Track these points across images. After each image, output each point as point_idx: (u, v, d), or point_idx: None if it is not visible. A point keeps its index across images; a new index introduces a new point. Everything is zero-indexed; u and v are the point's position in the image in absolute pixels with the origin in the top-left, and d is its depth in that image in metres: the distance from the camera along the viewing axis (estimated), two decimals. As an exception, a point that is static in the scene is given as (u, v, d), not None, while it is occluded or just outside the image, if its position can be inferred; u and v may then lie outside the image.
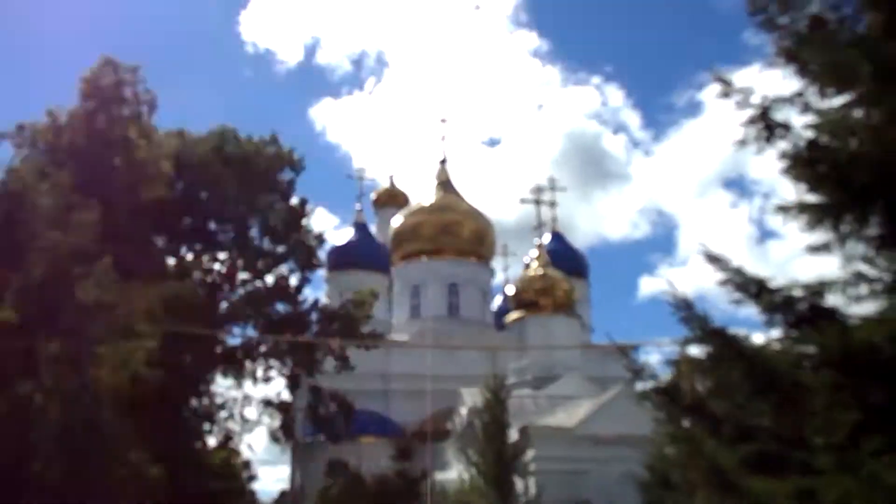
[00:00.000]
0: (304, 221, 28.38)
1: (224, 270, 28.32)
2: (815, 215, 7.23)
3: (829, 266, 7.03)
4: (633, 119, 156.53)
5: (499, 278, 60.31)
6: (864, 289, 6.90)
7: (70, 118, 20.60)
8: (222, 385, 28.11)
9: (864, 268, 6.83)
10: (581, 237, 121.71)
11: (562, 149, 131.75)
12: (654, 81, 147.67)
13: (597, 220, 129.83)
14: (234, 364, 27.97)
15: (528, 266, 43.37)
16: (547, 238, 43.85)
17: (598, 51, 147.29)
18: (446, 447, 37.33)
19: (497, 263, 59.50)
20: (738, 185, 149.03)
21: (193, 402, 24.50)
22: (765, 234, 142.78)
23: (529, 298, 36.54)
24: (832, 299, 7.10)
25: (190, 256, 27.57)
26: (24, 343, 10.03)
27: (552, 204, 43.64)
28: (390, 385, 47.28)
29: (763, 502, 4.81)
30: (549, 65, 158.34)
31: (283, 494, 67.97)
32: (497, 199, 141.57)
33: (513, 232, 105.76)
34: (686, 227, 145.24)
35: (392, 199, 65.29)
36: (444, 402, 42.94)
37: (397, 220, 57.07)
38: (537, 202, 39.27)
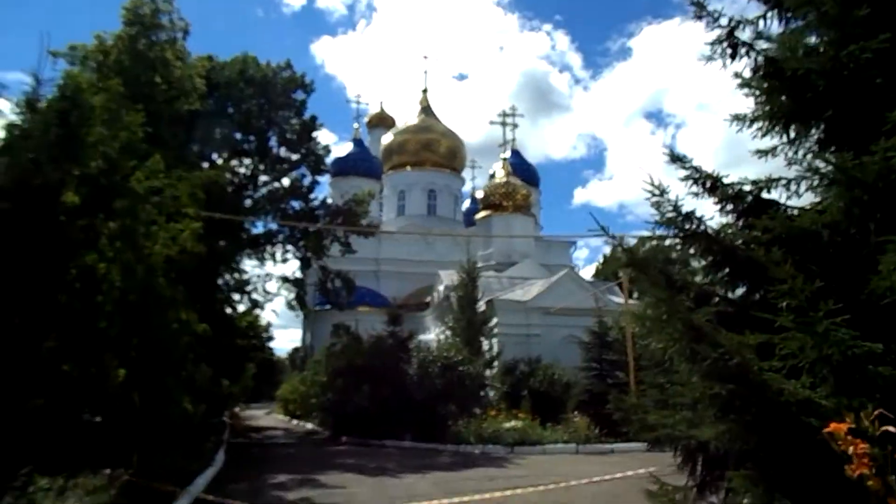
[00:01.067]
0: (313, 134, 27.22)
1: (248, 173, 27.31)
2: (767, 122, 6.72)
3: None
4: (576, 60, 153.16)
5: (467, 186, 59.83)
6: (804, 185, 6.49)
7: (115, 41, 19.19)
8: (248, 265, 27.72)
9: (804, 167, 6.39)
10: (532, 155, 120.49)
11: (518, 83, 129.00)
12: (594, 29, 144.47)
13: (543, 143, 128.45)
14: (258, 248, 27.50)
15: (492, 176, 42.66)
16: (508, 153, 42.88)
17: (549, 2, 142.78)
18: (425, 316, 37.61)
19: (466, 174, 58.95)
20: (656, 117, 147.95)
21: (226, 276, 23.99)
22: (674, 158, 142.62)
23: (495, 201, 36.09)
24: (775, 194, 6.71)
25: (219, 162, 26.40)
26: (86, 222, 9.24)
27: (514, 126, 42.60)
28: (381, 267, 47.29)
29: (730, 353, 4.43)
30: (509, 13, 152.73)
31: (294, 350, 68.90)
32: (465, 123, 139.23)
33: (478, 150, 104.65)
34: (613, 150, 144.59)
35: (382, 121, 64.16)
36: (423, 281, 43.13)
37: (387, 138, 56.10)
38: (503, 124, 38.36)
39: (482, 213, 37.77)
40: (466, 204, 58.14)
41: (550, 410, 18.63)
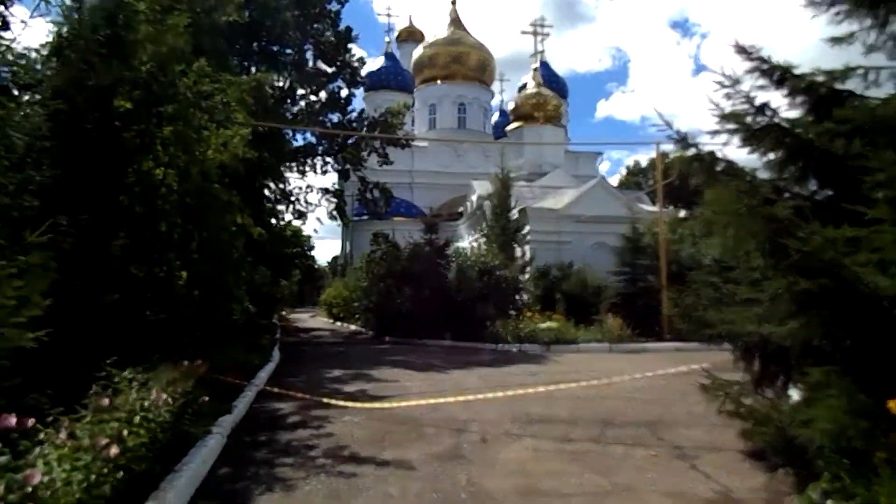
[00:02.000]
0: (349, 46, 26.05)
1: (285, 87, 26.41)
2: (849, 4, 5.95)
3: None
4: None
5: (496, 100, 57.94)
6: (884, 74, 5.80)
7: (151, -50, 18.15)
8: (290, 178, 27.34)
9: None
10: (557, 68, 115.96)
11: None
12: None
13: (568, 55, 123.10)
14: (299, 161, 27.09)
15: (523, 87, 41.01)
16: (538, 64, 40.86)
17: None
18: (458, 225, 37.34)
19: (495, 88, 56.95)
20: (681, 27, 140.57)
21: (272, 185, 23.77)
22: (699, 68, 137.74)
23: (526, 112, 34.77)
24: (850, 85, 6.02)
25: (259, 75, 25.54)
26: (140, 127, 8.86)
27: (545, 35, 40.21)
28: (414, 180, 46.79)
29: (823, 247, 3.98)
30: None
31: (334, 259, 69.90)
32: (492, 37, 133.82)
33: (504, 64, 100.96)
34: (637, 61, 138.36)
35: (411, 35, 61.67)
36: (454, 192, 42.67)
37: (417, 52, 53.89)
38: (534, 33, 36.36)
39: (514, 124, 36.52)
40: (495, 117, 56.56)
41: (583, 312, 18.49)
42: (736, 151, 6.13)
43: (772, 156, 5.85)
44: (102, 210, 6.76)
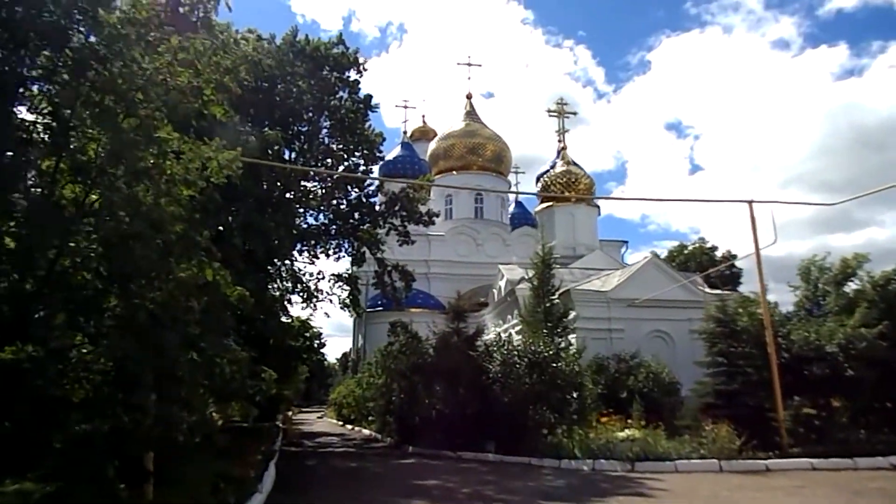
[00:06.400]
0: (368, 114, 23.18)
1: (297, 164, 23.29)
2: None
3: None
4: (598, 74, 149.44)
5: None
6: None
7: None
8: (299, 260, 23.63)
9: None
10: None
11: (545, 99, 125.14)
12: (614, 44, 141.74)
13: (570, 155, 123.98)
14: (310, 245, 23.57)
15: (545, 172, 38.12)
16: (564, 144, 38.03)
17: (571, 19, 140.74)
18: (482, 316, 33.24)
19: (510, 179, 54.76)
20: (676, 128, 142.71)
21: (278, 264, 20.06)
22: (694, 168, 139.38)
23: (556, 191, 31.63)
24: None
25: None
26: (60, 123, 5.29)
27: (572, 114, 36.86)
28: (431, 269, 43.37)
29: None
30: (533, 29, 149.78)
31: (344, 355, 65.33)
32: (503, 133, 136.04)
33: (516, 160, 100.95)
34: (634, 162, 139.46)
35: (424, 134, 61.47)
36: (473, 283, 39.14)
37: (433, 144, 52.48)
38: (560, 113, 33.88)
39: (542, 206, 33.24)
40: (511, 208, 54.20)
41: (657, 415, 14.22)
42: None
43: None
44: None
